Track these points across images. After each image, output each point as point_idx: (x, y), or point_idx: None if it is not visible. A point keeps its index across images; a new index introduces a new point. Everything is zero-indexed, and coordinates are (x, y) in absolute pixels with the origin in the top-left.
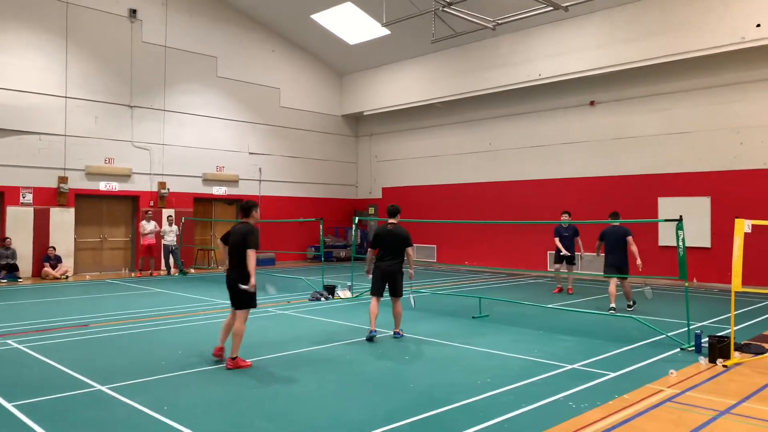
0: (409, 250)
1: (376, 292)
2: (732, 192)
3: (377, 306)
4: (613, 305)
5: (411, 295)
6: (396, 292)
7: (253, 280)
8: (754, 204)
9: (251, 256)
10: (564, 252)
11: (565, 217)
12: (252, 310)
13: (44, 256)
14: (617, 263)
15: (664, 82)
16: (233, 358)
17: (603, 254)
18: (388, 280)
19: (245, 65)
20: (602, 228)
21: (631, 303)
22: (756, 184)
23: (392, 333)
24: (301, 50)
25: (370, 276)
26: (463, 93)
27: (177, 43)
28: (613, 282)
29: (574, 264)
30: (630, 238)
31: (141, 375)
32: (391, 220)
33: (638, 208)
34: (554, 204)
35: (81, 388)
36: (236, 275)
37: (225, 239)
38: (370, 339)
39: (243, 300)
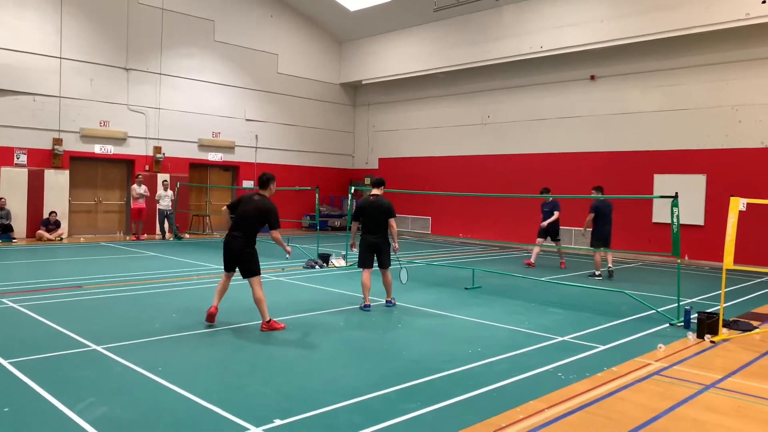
0: (392, 221)
1: (365, 263)
2: (728, 170)
3: (369, 278)
4: (598, 272)
5: (403, 268)
6: (384, 264)
7: (288, 248)
8: (749, 183)
9: (277, 236)
10: (544, 224)
11: (544, 196)
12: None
13: (43, 219)
14: (607, 236)
15: (665, 58)
16: (267, 321)
17: (590, 228)
18: (375, 252)
19: (243, 30)
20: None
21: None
22: (752, 162)
23: (384, 302)
24: (301, 16)
25: (355, 249)
26: (463, 64)
27: (174, 6)
28: (599, 252)
29: (559, 239)
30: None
31: (135, 337)
32: (374, 191)
33: (634, 184)
34: (551, 178)
35: (76, 347)
36: (244, 244)
37: (233, 207)
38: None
39: (252, 269)
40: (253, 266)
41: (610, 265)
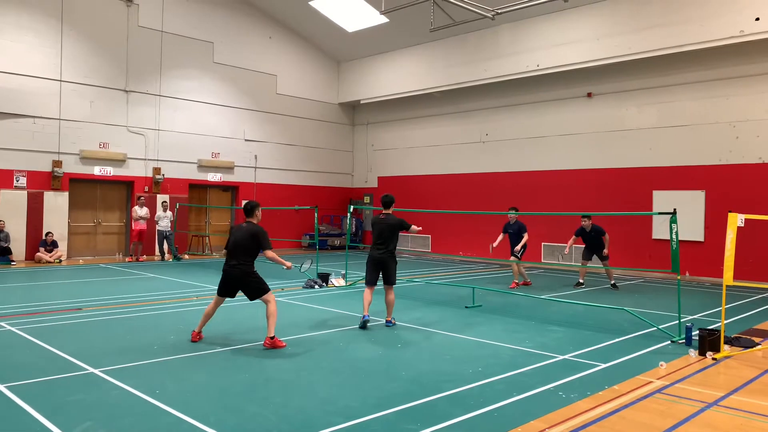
0: (413, 227)
1: (370, 281)
2: (727, 186)
3: (371, 294)
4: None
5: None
6: (389, 280)
7: (287, 263)
8: (748, 198)
9: (272, 255)
10: (495, 245)
11: (511, 213)
12: (245, 297)
13: (41, 240)
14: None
15: (661, 75)
16: (272, 338)
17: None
18: (380, 268)
19: (242, 51)
20: (594, 219)
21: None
22: (751, 178)
23: (384, 321)
24: (299, 37)
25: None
26: (460, 83)
27: (173, 28)
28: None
29: (519, 259)
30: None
31: (133, 359)
32: (384, 211)
33: (633, 200)
34: (550, 196)
35: (74, 370)
36: (244, 271)
37: (228, 245)
38: (363, 325)
39: (259, 289)
40: (260, 286)
41: (611, 280)
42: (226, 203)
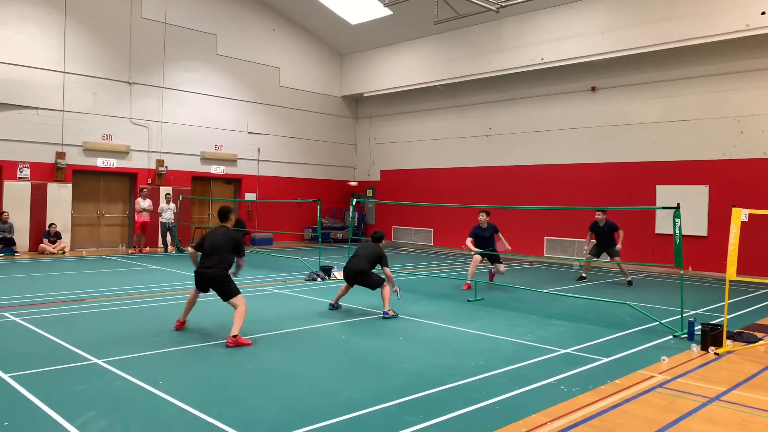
0: (387, 270)
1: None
2: (731, 181)
3: (346, 289)
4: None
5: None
6: (374, 287)
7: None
8: (752, 193)
9: (241, 262)
10: (474, 249)
11: (482, 216)
12: (248, 289)
13: (44, 231)
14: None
15: (666, 69)
16: (234, 336)
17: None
18: (355, 280)
19: (245, 44)
20: (595, 214)
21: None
22: (755, 173)
23: (381, 313)
24: (302, 29)
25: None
26: (464, 76)
27: (177, 20)
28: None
29: (501, 263)
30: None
31: (136, 350)
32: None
33: (636, 195)
34: (553, 190)
35: (77, 361)
36: (218, 274)
37: (200, 246)
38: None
39: (231, 291)
40: (232, 288)
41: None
42: (228, 196)
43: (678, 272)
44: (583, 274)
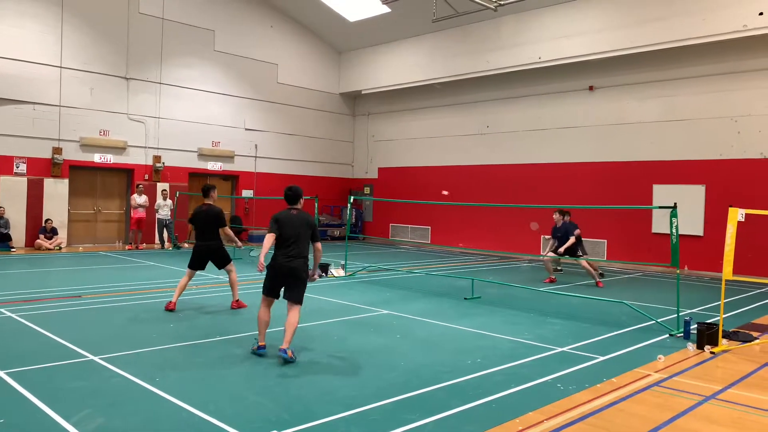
0: (318, 244)
1: (269, 292)
2: (727, 181)
3: (267, 312)
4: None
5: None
6: (296, 299)
7: (239, 242)
8: (748, 193)
9: (228, 232)
10: None
11: (556, 215)
12: (245, 286)
13: (41, 227)
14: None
15: (664, 69)
16: (237, 300)
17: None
18: (282, 283)
19: (243, 40)
20: (596, 213)
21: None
22: (751, 173)
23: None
24: (300, 26)
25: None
26: (462, 74)
27: (174, 15)
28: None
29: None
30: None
31: (132, 347)
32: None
33: (633, 194)
34: (549, 188)
35: (73, 357)
36: (213, 245)
37: (193, 221)
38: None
39: (225, 258)
40: (225, 256)
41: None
42: (226, 192)
43: (674, 271)
44: (552, 276)
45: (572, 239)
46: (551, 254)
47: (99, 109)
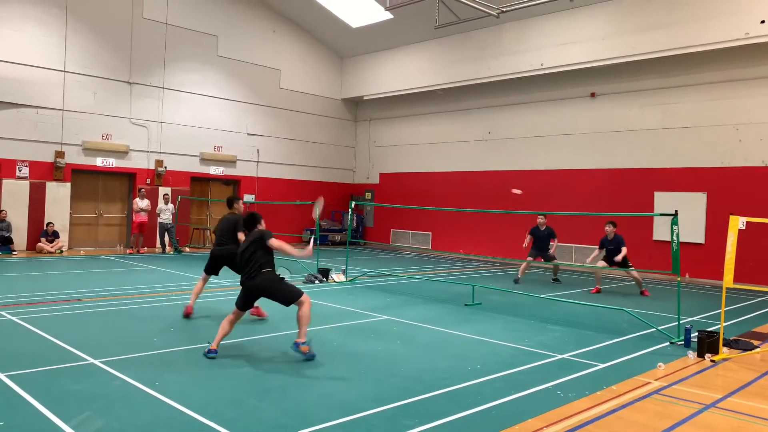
0: (272, 241)
1: (240, 306)
2: (728, 189)
3: (230, 324)
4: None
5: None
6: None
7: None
8: (750, 201)
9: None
10: None
11: (608, 227)
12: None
13: (42, 231)
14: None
15: (665, 76)
16: (256, 307)
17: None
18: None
19: (246, 45)
20: (597, 219)
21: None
22: (753, 181)
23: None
24: (303, 32)
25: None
26: (464, 81)
27: (177, 21)
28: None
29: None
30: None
31: (133, 350)
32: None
33: (634, 201)
34: (551, 195)
35: (74, 361)
36: (231, 250)
37: (216, 228)
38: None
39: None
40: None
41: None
42: (227, 196)
43: (675, 279)
44: (519, 276)
45: (625, 250)
46: (602, 263)
47: (102, 113)
